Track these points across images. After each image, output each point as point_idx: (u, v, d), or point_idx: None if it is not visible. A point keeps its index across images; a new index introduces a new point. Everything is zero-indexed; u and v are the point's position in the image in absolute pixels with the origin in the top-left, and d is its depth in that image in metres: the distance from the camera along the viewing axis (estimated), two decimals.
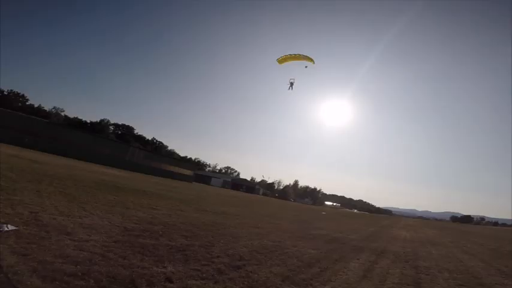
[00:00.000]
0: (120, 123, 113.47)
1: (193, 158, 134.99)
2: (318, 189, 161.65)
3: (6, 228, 4.99)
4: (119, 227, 7.44)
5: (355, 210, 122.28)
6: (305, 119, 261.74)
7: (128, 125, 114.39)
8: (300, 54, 20.62)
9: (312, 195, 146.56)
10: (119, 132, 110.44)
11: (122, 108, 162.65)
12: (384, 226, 32.66)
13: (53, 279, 3.74)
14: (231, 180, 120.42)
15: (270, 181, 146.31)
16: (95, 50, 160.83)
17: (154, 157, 70.85)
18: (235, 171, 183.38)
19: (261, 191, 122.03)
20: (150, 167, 62.63)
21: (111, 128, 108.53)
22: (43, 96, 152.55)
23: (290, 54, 20.55)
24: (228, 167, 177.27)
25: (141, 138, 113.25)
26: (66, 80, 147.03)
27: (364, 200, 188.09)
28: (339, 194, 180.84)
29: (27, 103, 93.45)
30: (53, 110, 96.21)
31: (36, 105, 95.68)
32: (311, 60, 20.58)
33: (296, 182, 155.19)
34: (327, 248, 10.67)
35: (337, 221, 29.38)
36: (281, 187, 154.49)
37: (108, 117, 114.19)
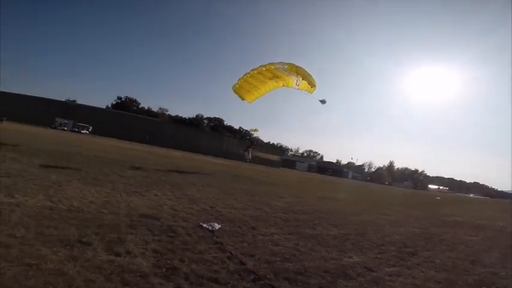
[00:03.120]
0: (212, 116, 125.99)
1: (275, 143, 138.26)
2: (419, 170, 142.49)
3: (216, 227, 5.59)
4: (276, 217, 7.94)
5: (472, 195, 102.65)
6: (399, 91, 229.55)
7: (219, 118, 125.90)
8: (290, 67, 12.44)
9: (412, 178, 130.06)
10: (212, 125, 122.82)
11: (212, 103, 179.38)
12: None
13: (295, 282, 3.91)
14: (316, 164, 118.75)
15: (358, 163, 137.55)
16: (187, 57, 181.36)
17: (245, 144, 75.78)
18: (318, 153, 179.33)
19: (350, 174, 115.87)
20: (242, 154, 67.10)
21: (205, 121, 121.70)
22: (146, 98, 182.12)
23: (265, 67, 12.38)
24: (310, 150, 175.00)
25: (230, 128, 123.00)
26: (162, 81, 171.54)
27: (481, 183, 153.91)
28: (445, 176, 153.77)
29: (139, 106, 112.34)
30: (160, 110, 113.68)
31: (146, 108, 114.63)
32: (310, 85, 13.00)
33: (391, 164, 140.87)
34: (483, 235, 10.36)
35: (463, 207, 25.21)
36: (372, 169, 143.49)
37: (201, 112, 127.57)
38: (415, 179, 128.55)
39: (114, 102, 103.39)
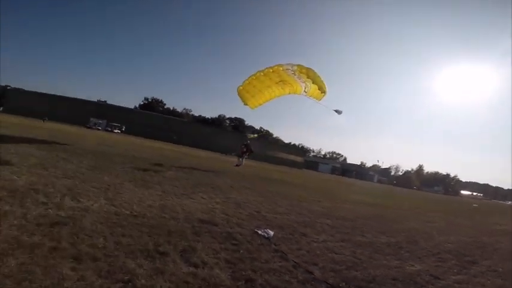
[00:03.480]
0: (233, 116, 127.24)
1: (297, 144, 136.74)
2: (451, 175, 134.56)
3: (271, 234, 5.52)
4: (322, 223, 7.76)
5: (509, 202, 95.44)
6: (429, 90, 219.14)
7: (240, 118, 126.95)
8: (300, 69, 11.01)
9: (443, 183, 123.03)
10: (233, 125, 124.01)
11: (233, 103, 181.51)
12: None
13: None
14: (340, 166, 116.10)
15: (384, 166, 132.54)
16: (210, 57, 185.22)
17: (268, 145, 75.72)
18: (341, 155, 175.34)
19: (376, 178, 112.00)
20: (265, 155, 67.22)
21: (227, 121, 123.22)
22: (170, 99, 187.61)
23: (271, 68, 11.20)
24: (333, 152, 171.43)
25: (251, 128, 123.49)
26: (186, 82, 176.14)
27: None
28: (480, 182, 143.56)
29: (165, 107, 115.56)
30: (184, 110, 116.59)
31: (171, 108, 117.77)
32: (320, 91, 11.44)
33: (420, 167, 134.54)
34: None
35: (508, 216, 23.53)
36: (400, 173, 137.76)
37: (223, 113, 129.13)
38: (446, 184, 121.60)
39: (142, 103, 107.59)
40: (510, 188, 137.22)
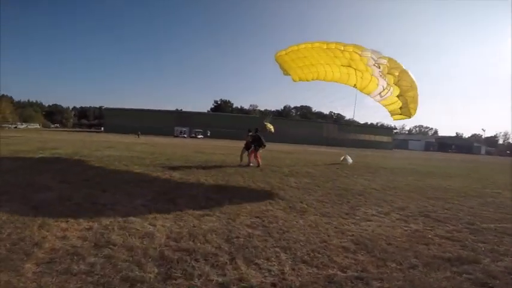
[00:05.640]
0: (298, 105, 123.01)
1: (375, 123, 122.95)
2: None
3: None
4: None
5: None
6: None
7: (306, 105, 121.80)
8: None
9: None
10: (299, 113, 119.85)
11: (297, 92, 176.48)
12: None
13: None
14: (436, 141, 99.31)
15: (486, 135, 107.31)
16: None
17: (348, 129, 69.26)
18: (431, 128, 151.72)
19: (483, 149, 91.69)
20: (348, 139, 61.43)
21: (293, 111, 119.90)
22: (236, 99, 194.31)
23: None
24: (420, 126, 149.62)
25: (320, 114, 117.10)
26: (248, 81, 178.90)
27: None
28: None
29: (233, 106, 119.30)
30: (251, 107, 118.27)
31: (239, 107, 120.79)
32: (404, 111, 7.73)
33: None
34: None
35: None
36: (510, 141, 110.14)
37: (288, 103, 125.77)
38: None
39: (213, 106, 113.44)
40: None
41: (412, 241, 3.99)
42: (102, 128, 72.15)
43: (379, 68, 7.63)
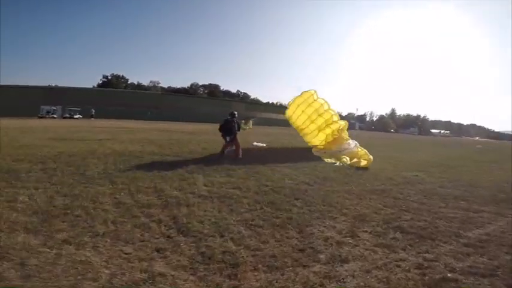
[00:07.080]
0: (206, 83, 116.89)
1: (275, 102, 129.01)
2: (421, 116, 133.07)
3: None
4: None
5: (477, 138, 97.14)
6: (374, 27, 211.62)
7: (215, 84, 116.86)
8: None
9: (416, 124, 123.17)
10: (207, 91, 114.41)
11: (205, 71, 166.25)
12: None
13: None
14: None
15: (358, 113, 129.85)
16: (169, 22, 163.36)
17: (254, 107, 69.26)
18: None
19: (357, 125, 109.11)
20: (255, 117, 61.34)
21: (201, 89, 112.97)
22: (133, 73, 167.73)
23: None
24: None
25: (227, 93, 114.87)
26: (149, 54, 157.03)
27: (478, 125, 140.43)
28: (443, 120, 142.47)
29: (128, 82, 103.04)
30: (151, 83, 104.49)
31: (136, 83, 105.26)
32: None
33: (393, 111, 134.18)
34: None
35: None
36: (374, 118, 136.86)
37: (196, 81, 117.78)
38: (419, 125, 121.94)
39: (101, 82, 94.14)
40: (469, 123, 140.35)
41: None
42: None
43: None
